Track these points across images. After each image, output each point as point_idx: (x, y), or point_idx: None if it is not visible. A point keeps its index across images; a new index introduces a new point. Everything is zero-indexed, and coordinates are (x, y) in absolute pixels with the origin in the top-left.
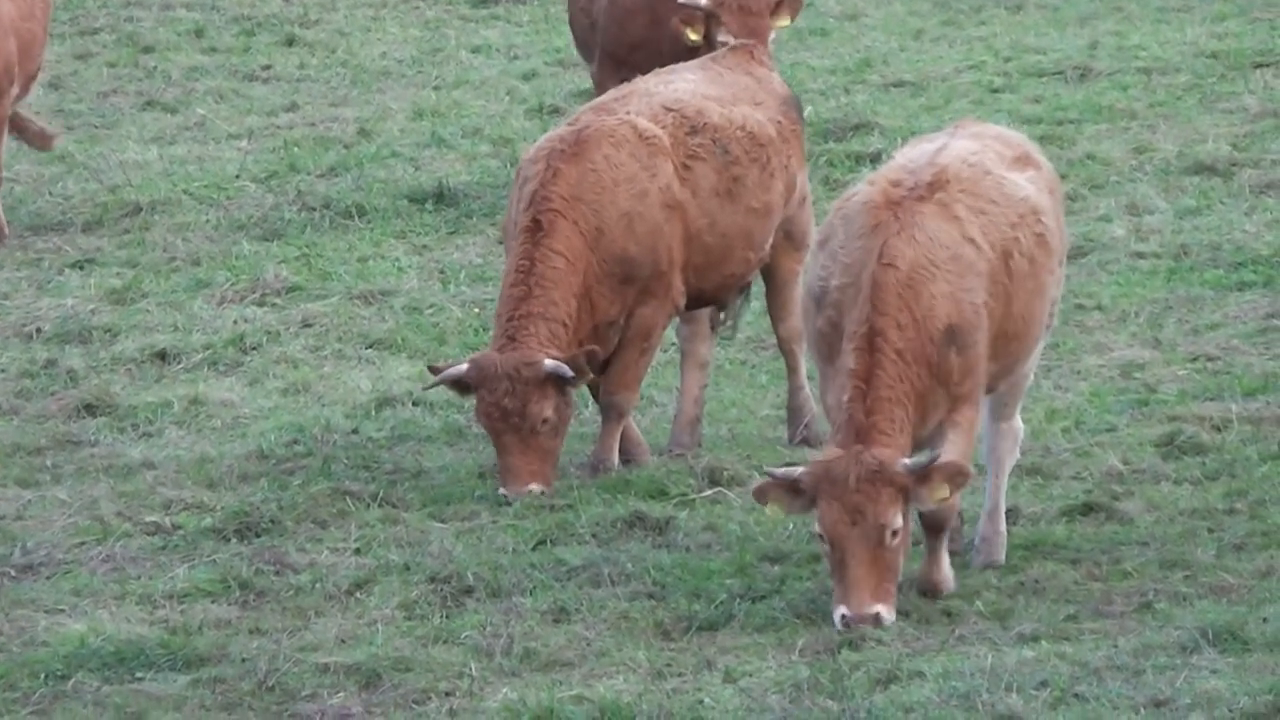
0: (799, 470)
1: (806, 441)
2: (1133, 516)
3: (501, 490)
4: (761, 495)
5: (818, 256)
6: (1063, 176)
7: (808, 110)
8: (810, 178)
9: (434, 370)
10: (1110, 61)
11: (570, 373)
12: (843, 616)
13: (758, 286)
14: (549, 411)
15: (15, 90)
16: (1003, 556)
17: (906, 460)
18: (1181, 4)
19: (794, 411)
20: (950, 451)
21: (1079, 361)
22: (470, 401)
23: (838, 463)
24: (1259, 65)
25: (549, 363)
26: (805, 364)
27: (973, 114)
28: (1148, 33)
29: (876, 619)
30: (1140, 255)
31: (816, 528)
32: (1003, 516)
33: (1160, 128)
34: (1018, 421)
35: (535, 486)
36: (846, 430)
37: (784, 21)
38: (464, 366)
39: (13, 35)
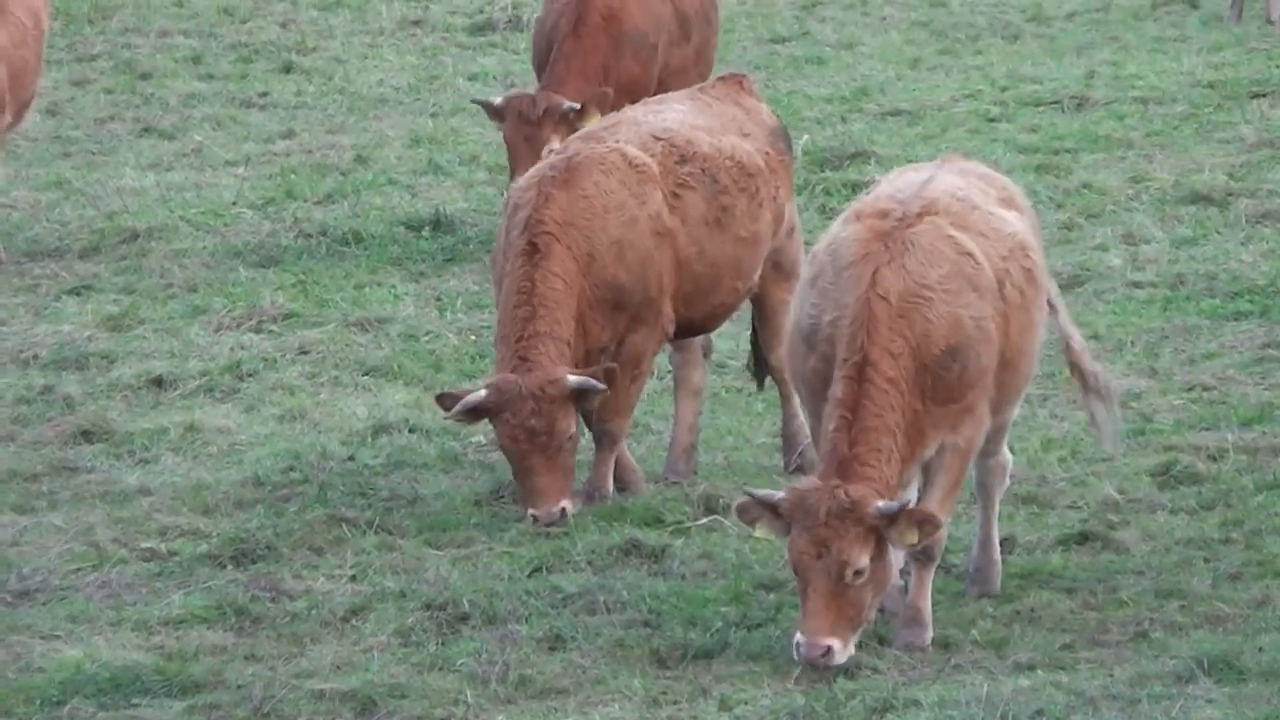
0: (779, 495)
1: (801, 469)
2: (1129, 546)
3: (531, 512)
4: (744, 513)
5: (807, 294)
6: (1059, 206)
7: (804, 139)
8: (806, 206)
9: (447, 398)
10: (1107, 91)
11: (602, 385)
12: (796, 645)
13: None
14: (572, 429)
15: (8, 118)
16: (998, 585)
17: (879, 503)
18: (1178, 34)
19: (789, 439)
20: (939, 483)
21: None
22: (468, 429)
23: (812, 494)
24: (1255, 95)
25: (572, 378)
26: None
27: (969, 143)
28: (1144, 62)
29: (827, 652)
30: (1136, 285)
31: (786, 555)
32: (996, 546)
33: (1157, 157)
34: (1005, 453)
35: (566, 504)
36: (829, 461)
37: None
38: (482, 392)
39: (3, 63)
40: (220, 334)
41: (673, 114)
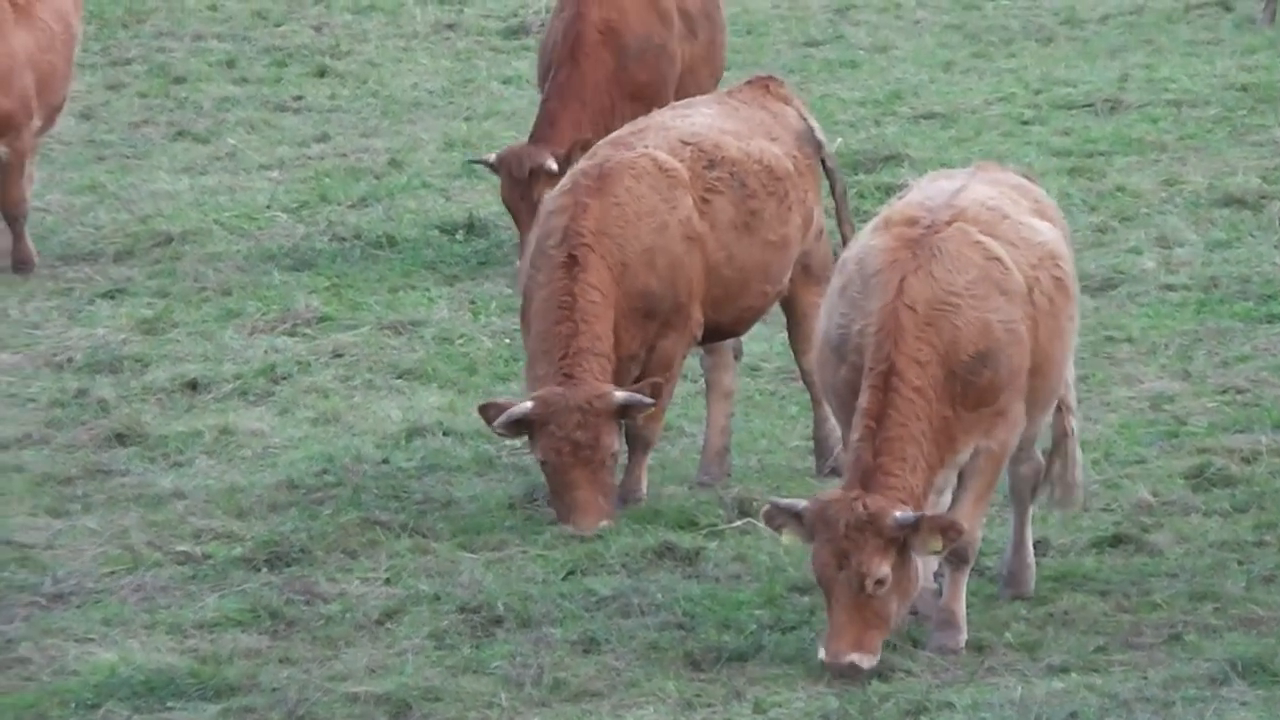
0: (802, 504)
1: (835, 472)
2: (1162, 548)
3: (570, 528)
4: (771, 520)
5: (836, 304)
6: (1092, 209)
7: (837, 142)
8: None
9: (491, 408)
10: (1140, 94)
11: (650, 400)
12: (821, 661)
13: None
14: (615, 445)
15: (37, 123)
16: (1032, 588)
17: (897, 513)
18: (1211, 37)
19: (820, 442)
20: (972, 488)
21: (1108, 393)
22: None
23: (834, 505)
24: None
25: (619, 394)
26: None
27: (1002, 146)
28: (1177, 65)
29: (852, 668)
30: (1170, 287)
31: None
32: (1030, 549)
33: (1190, 160)
34: (1038, 458)
35: (607, 523)
36: (853, 471)
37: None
38: (528, 404)
39: (30, 69)
40: (254, 337)
41: (700, 118)
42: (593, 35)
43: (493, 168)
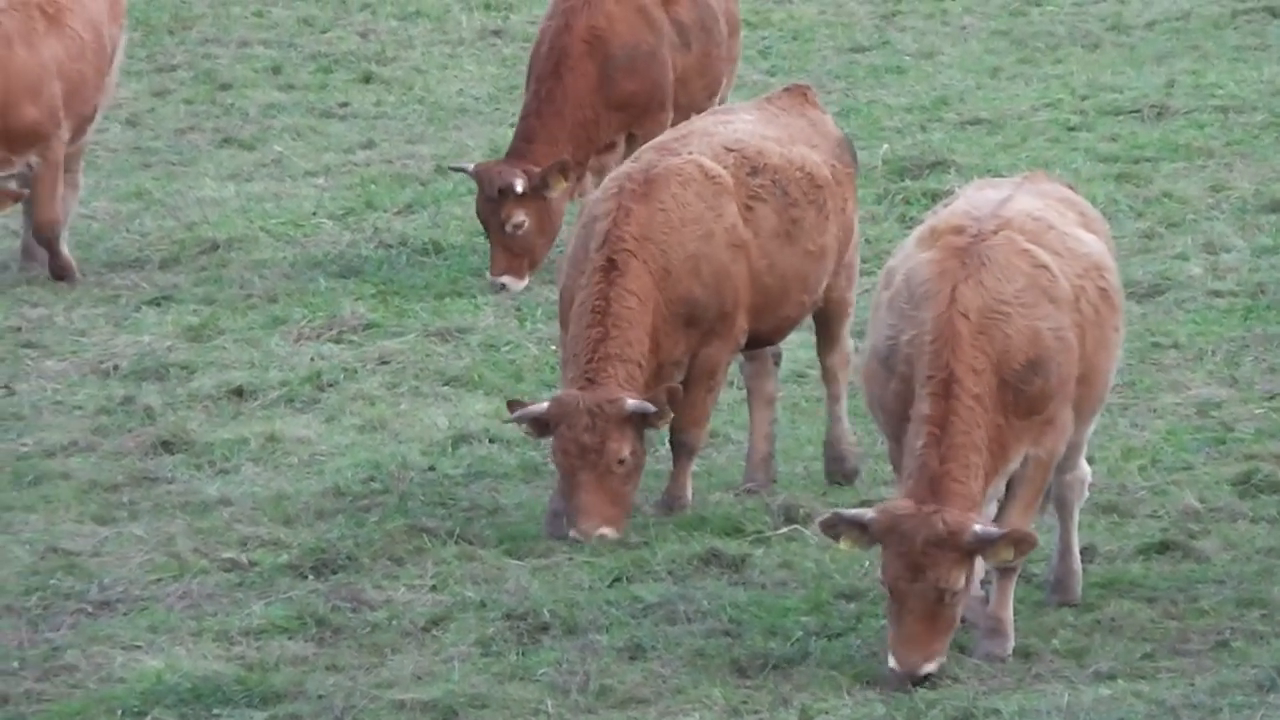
0: (869, 514)
1: (844, 477)
2: (1209, 555)
3: (571, 531)
4: (830, 529)
5: (884, 317)
6: (1139, 215)
7: (884, 148)
8: (885, 216)
9: (513, 406)
10: (1187, 100)
11: (654, 409)
12: (892, 670)
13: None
14: (626, 451)
15: (65, 133)
16: (1079, 594)
17: (977, 528)
18: (1259, 43)
19: (831, 445)
20: (1022, 495)
21: (1155, 400)
22: (547, 440)
23: (907, 519)
24: None
25: (631, 402)
26: (847, 396)
27: (1049, 152)
28: (1224, 71)
29: (925, 677)
30: (1217, 294)
31: (879, 574)
32: (1076, 555)
33: (1237, 166)
34: (1083, 467)
35: (607, 530)
36: (919, 478)
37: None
38: (544, 405)
39: (58, 78)
40: (300, 344)
41: (742, 124)
42: (578, 46)
43: (472, 176)
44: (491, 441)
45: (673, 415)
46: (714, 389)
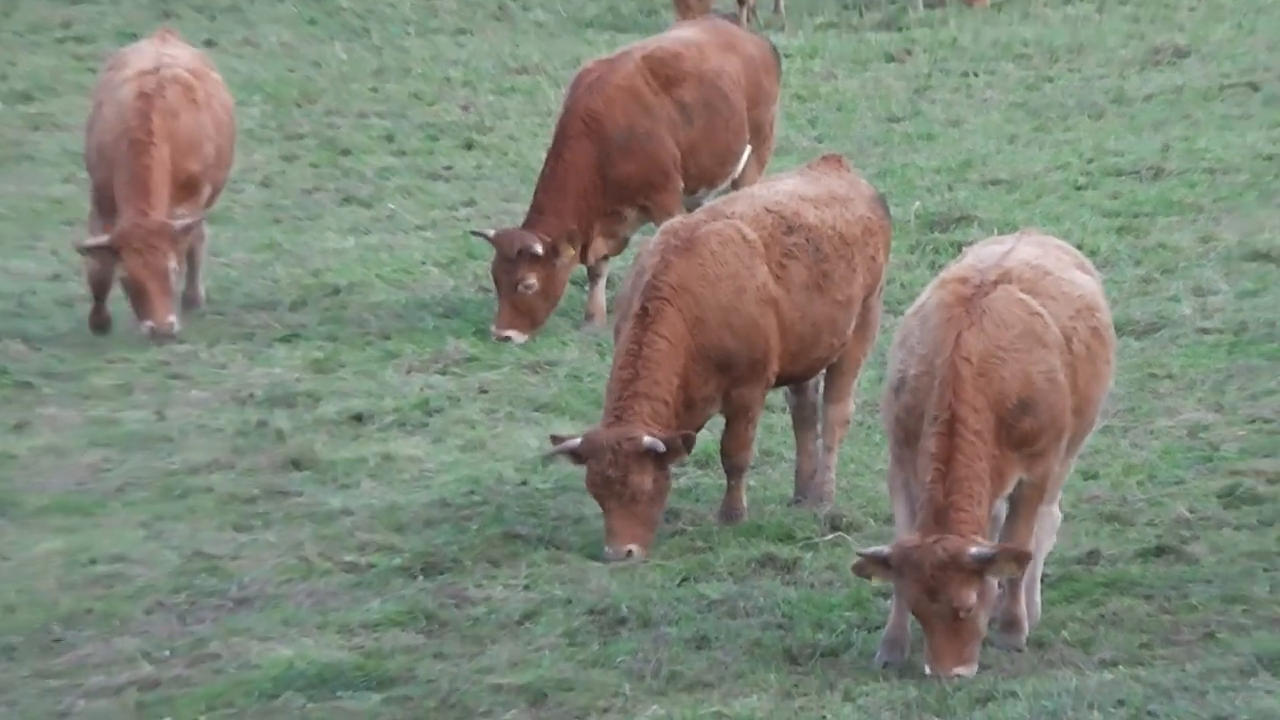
0: (886, 550)
1: (814, 506)
2: (1199, 558)
3: (606, 548)
4: (860, 569)
5: (896, 353)
6: (1137, 263)
7: (915, 204)
8: (917, 263)
9: (555, 439)
10: (1180, 162)
11: (663, 448)
12: (928, 674)
13: None
14: (648, 483)
15: (208, 191)
16: (1024, 639)
17: (973, 550)
18: (1242, 113)
19: (800, 474)
20: (1024, 514)
21: (1152, 423)
22: None
23: (916, 550)
24: None
25: (648, 439)
26: (839, 450)
27: (1060, 208)
28: (1213, 137)
29: (960, 679)
30: (1205, 331)
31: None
32: (1036, 590)
33: (1223, 220)
34: (1056, 510)
35: (634, 548)
36: (928, 509)
37: None
38: (577, 440)
39: (213, 143)
40: (411, 375)
41: (784, 188)
42: (576, 126)
43: (492, 242)
44: (576, 460)
45: (687, 454)
46: (752, 420)
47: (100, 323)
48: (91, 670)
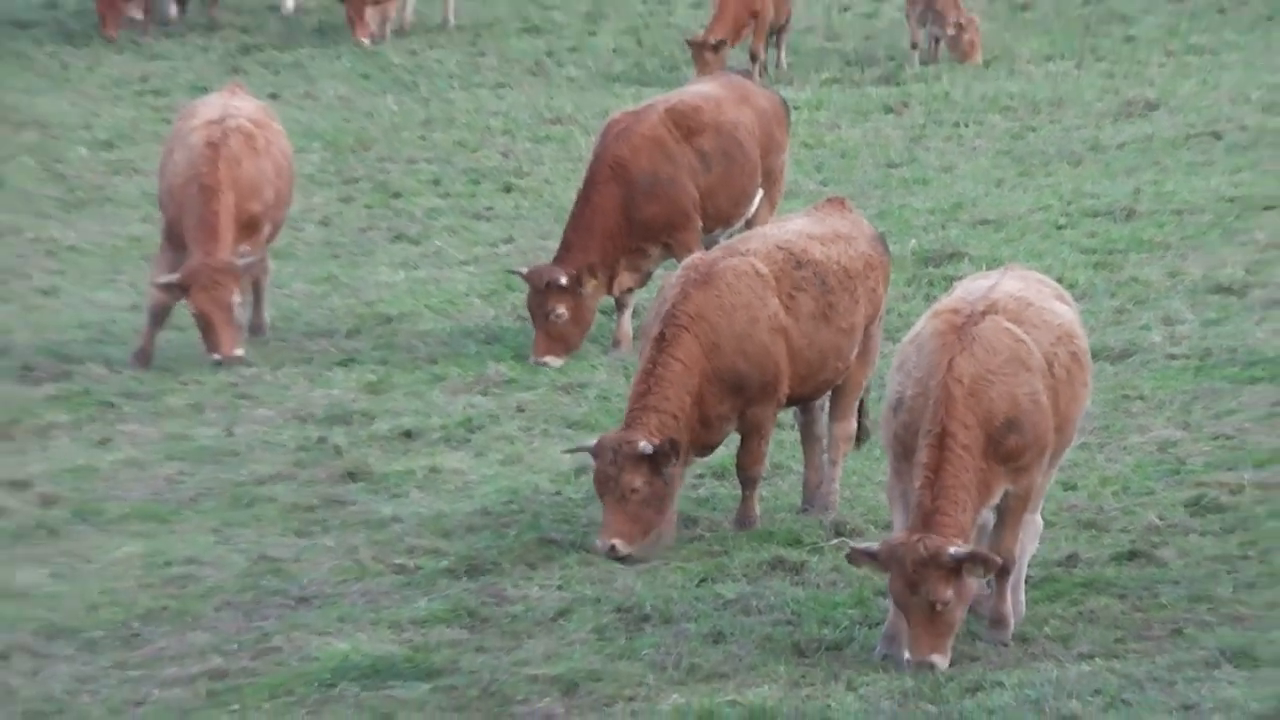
0: (875, 546)
1: (819, 514)
2: (1168, 561)
3: (596, 541)
4: (853, 560)
5: (894, 376)
6: (1112, 295)
7: (912, 242)
8: (914, 295)
9: (580, 444)
10: (1150, 204)
11: (651, 450)
12: (906, 659)
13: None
14: (638, 483)
15: (268, 230)
16: (1009, 634)
17: (951, 549)
18: (1206, 159)
19: (808, 486)
20: (1009, 522)
21: (1125, 440)
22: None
23: (900, 547)
24: (1267, 208)
25: (644, 444)
26: (842, 463)
27: (1042, 245)
28: (1180, 182)
29: (930, 666)
30: (1173, 356)
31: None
32: (1020, 590)
33: (1189, 256)
34: (1039, 518)
35: (616, 542)
36: (916, 513)
37: None
38: (592, 442)
39: (273, 187)
40: (455, 396)
41: (793, 226)
42: (605, 172)
43: (524, 278)
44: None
45: (675, 460)
46: (765, 437)
47: (144, 357)
48: (167, 662)
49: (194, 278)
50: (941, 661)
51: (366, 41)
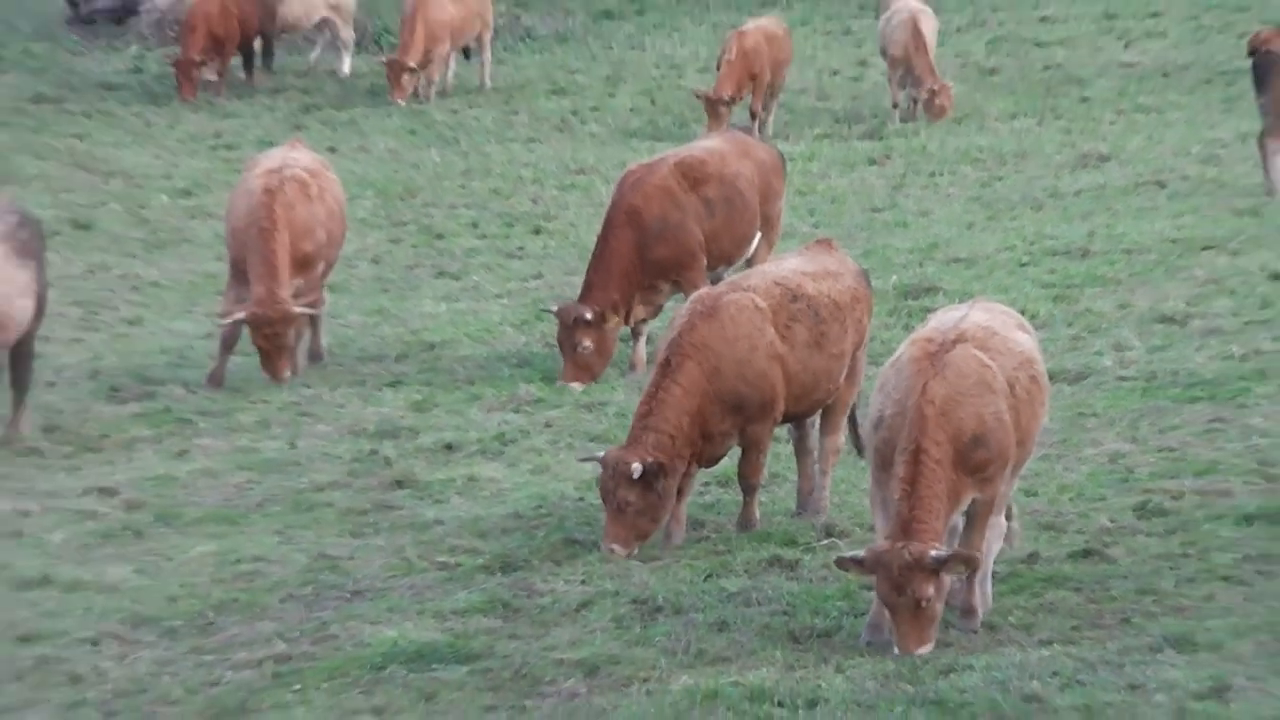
0: (861, 553)
1: (811, 519)
2: (1118, 559)
3: (600, 544)
4: (841, 565)
5: (876, 397)
6: (1069, 324)
7: (893, 278)
8: (894, 325)
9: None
10: (1103, 245)
11: (639, 470)
12: (895, 653)
13: None
14: (632, 498)
15: (322, 266)
16: (978, 623)
17: (933, 553)
18: (1152, 205)
19: (801, 494)
20: (978, 525)
21: (1080, 452)
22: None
23: (885, 554)
24: (1206, 248)
25: (636, 464)
26: (832, 473)
27: (1008, 280)
28: (1129, 225)
29: (920, 658)
30: (1123, 379)
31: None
32: (988, 584)
33: (1137, 290)
34: (1002, 520)
35: (615, 547)
36: (896, 522)
37: None
38: (600, 453)
39: (325, 228)
40: (491, 413)
41: (789, 264)
42: (620, 218)
43: (555, 315)
44: None
45: (664, 477)
46: (763, 450)
47: (217, 379)
48: (237, 648)
49: (255, 321)
50: (928, 651)
51: (401, 102)
